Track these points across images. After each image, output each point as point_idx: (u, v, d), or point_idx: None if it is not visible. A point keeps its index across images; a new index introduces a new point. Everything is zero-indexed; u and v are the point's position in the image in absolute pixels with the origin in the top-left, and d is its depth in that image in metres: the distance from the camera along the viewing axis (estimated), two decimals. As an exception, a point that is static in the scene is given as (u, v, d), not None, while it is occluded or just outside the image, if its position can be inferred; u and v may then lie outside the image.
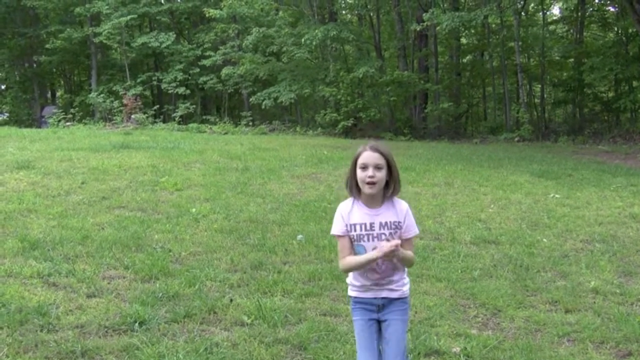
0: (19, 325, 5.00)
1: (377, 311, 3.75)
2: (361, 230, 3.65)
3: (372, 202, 3.66)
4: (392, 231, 3.63)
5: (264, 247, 7.47)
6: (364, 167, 3.59)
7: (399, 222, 3.66)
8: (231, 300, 5.72)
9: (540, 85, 32.99)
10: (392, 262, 3.66)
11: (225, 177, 11.60)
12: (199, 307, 5.49)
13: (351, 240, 3.68)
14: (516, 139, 25.70)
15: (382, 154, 3.60)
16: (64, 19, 39.49)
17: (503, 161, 16.04)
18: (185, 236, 7.78)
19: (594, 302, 5.95)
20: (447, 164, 14.61)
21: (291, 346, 4.90)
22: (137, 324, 5.11)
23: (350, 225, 3.66)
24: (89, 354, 4.65)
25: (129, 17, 33.86)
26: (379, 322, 3.77)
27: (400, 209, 3.68)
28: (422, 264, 6.93)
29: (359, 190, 3.66)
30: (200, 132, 25.12)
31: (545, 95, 32.87)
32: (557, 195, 10.96)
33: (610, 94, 30.83)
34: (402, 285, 3.76)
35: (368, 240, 3.64)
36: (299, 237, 7.91)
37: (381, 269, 3.68)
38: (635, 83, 29.02)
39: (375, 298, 3.74)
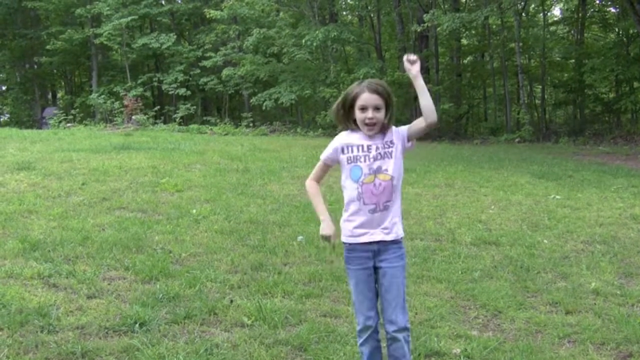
0: (19, 327, 4.99)
1: (373, 257, 3.74)
2: (358, 151, 3.74)
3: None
4: (386, 151, 3.72)
5: (264, 248, 7.46)
6: (363, 109, 3.67)
7: (391, 140, 3.75)
8: (231, 302, 5.72)
9: (540, 86, 33.05)
10: (390, 185, 3.72)
11: (225, 178, 11.60)
12: (200, 308, 5.49)
13: (328, 169, 3.94)
14: (517, 140, 25.71)
15: (380, 94, 3.65)
16: (65, 20, 39.57)
17: (504, 162, 16.05)
18: (186, 237, 7.78)
19: (595, 304, 5.94)
20: (447, 165, 14.61)
21: (291, 347, 4.90)
22: (137, 325, 5.10)
23: (347, 146, 3.78)
24: (89, 355, 4.64)
25: (129, 18, 33.93)
26: (375, 269, 3.77)
27: (391, 131, 3.77)
28: (422, 265, 6.92)
29: (354, 123, 3.78)
30: (201, 133, 25.13)
31: (545, 96, 32.92)
32: (557, 197, 10.96)
33: (611, 95, 30.87)
34: (395, 224, 3.77)
35: (364, 160, 3.73)
36: (300, 238, 7.90)
37: (378, 190, 3.71)
38: (636, 84, 29.05)
39: (370, 243, 3.74)
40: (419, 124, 3.71)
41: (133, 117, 27.16)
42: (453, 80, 33.52)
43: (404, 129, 3.76)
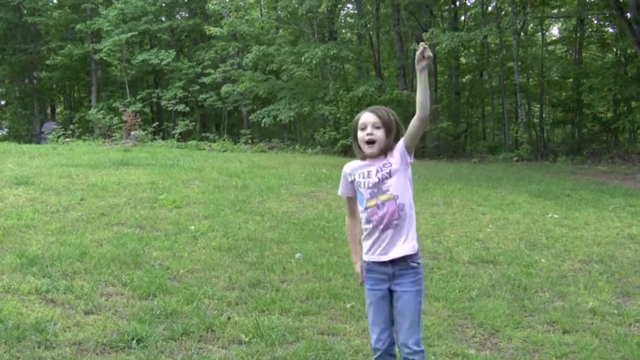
0: (16, 342, 4.99)
1: (388, 280, 3.77)
2: (360, 177, 3.85)
3: (374, 159, 3.85)
4: (383, 172, 3.78)
5: (262, 265, 7.46)
6: (363, 128, 3.80)
7: (387, 162, 3.81)
8: (229, 319, 5.71)
9: (539, 105, 33.16)
10: (394, 204, 3.75)
11: (224, 194, 11.60)
12: (197, 325, 5.49)
13: (353, 199, 3.96)
14: (515, 158, 25.76)
15: (379, 116, 3.78)
16: (65, 36, 39.70)
17: (502, 181, 16.07)
18: (184, 254, 7.78)
19: (592, 323, 5.94)
20: (445, 184, 14.63)
21: (289, 365, 4.90)
22: (134, 342, 5.10)
23: (351, 174, 3.91)
24: (86, 372, 4.63)
25: (129, 34, 34.05)
26: (391, 291, 3.79)
27: (391, 151, 3.84)
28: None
29: (362, 151, 3.88)
30: (200, 150, 25.15)
31: (544, 115, 33.01)
32: (555, 216, 10.97)
33: (609, 115, 30.97)
34: (407, 241, 3.77)
35: (365, 186, 3.82)
36: (298, 255, 7.90)
37: (383, 211, 3.76)
38: (634, 103, 29.16)
39: (384, 263, 3.77)
40: (412, 125, 3.76)
41: (132, 132, 27.19)
42: (452, 99, 33.64)
43: (400, 141, 3.82)
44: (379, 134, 3.74)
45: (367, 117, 3.80)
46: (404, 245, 3.75)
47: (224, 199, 11.15)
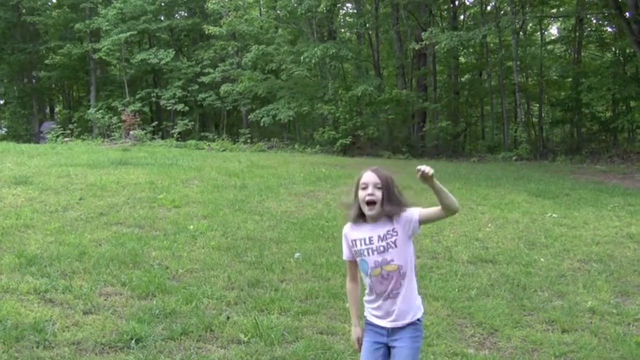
0: (15, 342, 4.98)
1: (387, 335, 3.71)
2: (361, 245, 3.71)
3: (373, 222, 3.71)
4: (388, 242, 3.66)
5: (261, 264, 7.46)
6: (364, 187, 3.67)
7: (393, 228, 3.68)
8: (228, 318, 5.71)
9: (538, 105, 33.15)
10: (398, 274, 3.67)
11: (223, 194, 11.60)
12: (196, 325, 5.49)
13: (356, 263, 3.79)
14: (514, 158, 25.75)
15: (379, 176, 3.66)
16: (64, 35, 39.62)
17: (501, 180, 16.06)
18: (183, 253, 7.78)
19: (591, 322, 5.94)
20: (444, 183, 14.44)
21: (288, 364, 4.90)
22: (133, 341, 5.10)
23: (352, 241, 3.75)
24: (85, 371, 4.63)
25: (128, 34, 33.98)
26: (388, 347, 3.73)
27: (398, 217, 3.70)
28: (419, 283, 6.91)
29: (362, 215, 3.72)
30: (199, 149, 25.13)
31: (543, 115, 33.00)
32: (554, 215, 10.97)
33: (608, 114, 30.94)
34: (405, 311, 3.71)
35: (368, 254, 3.69)
36: (297, 255, 7.90)
37: (387, 280, 3.68)
38: (632, 103, 29.14)
39: (384, 327, 3.72)
40: (437, 213, 3.73)
41: (131, 132, 27.16)
42: (451, 98, 33.61)
43: (415, 212, 3.73)
44: (380, 194, 3.69)
45: (368, 177, 3.70)
46: (409, 315, 3.71)
47: (223, 199, 11.15)
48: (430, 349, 5.23)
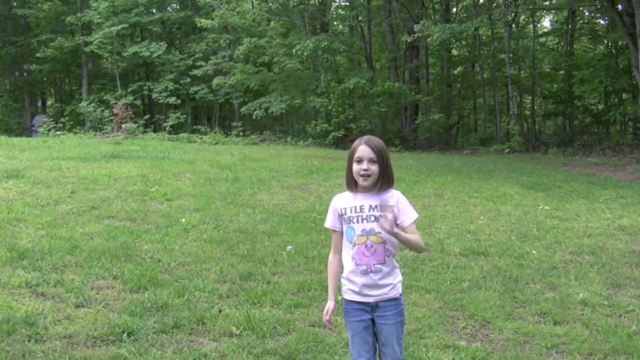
0: (6, 336, 4.97)
1: (370, 311, 3.75)
2: (351, 212, 3.75)
3: (366, 192, 3.75)
4: (382, 213, 3.66)
5: (253, 257, 7.46)
6: (359, 161, 3.72)
7: (386, 200, 3.72)
8: (220, 311, 5.71)
9: (530, 97, 33.23)
10: (382, 249, 3.71)
11: (215, 187, 11.59)
12: (188, 318, 5.48)
13: (341, 234, 3.82)
14: (506, 150, 25.82)
15: (374, 149, 3.68)
16: (55, 28, 39.47)
17: (493, 173, 16.09)
18: (175, 246, 7.77)
19: (583, 314, 5.96)
20: (437, 176, 14.64)
21: (280, 357, 4.90)
22: (125, 335, 5.09)
23: (342, 209, 3.79)
24: (77, 365, 4.63)
25: (120, 27, 33.87)
26: (373, 321, 3.78)
27: (392, 195, 3.76)
28: (411, 275, 6.94)
29: (355, 183, 3.77)
30: (191, 142, 25.09)
31: (535, 107, 33.09)
32: (546, 207, 10.99)
33: (600, 107, 31.06)
34: (388, 286, 3.75)
35: (357, 222, 3.73)
36: (289, 248, 7.90)
37: (369, 252, 3.71)
38: (625, 95, 29.24)
39: (367, 303, 3.75)
40: (411, 244, 3.75)
41: (123, 125, 27.10)
42: (443, 91, 33.67)
43: (406, 219, 3.74)
44: (375, 169, 3.70)
45: (363, 151, 3.72)
46: (390, 292, 3.74)
47: (215, 192, 11.14)
48: (422, 341, 5.23)
